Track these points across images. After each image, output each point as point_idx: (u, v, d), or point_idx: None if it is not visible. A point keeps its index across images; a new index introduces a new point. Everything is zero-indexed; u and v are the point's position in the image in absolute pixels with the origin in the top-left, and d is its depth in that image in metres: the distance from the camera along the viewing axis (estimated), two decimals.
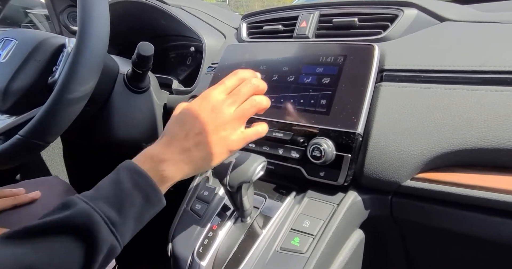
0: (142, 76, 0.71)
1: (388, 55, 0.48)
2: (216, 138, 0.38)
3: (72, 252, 0.30)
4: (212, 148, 0.38)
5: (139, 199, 0.34)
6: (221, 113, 0.38)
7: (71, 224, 0.31)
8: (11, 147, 0.47)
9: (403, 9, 0.52)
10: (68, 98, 0.46)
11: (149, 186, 0.35)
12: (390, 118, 0.44)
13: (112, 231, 0.32)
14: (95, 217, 0.31)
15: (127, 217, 0.34)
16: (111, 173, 0.36)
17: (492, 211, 0.40)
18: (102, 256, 0.32)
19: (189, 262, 0.48)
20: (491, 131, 0.39)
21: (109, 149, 0.90)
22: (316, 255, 0.42)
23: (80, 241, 0.31)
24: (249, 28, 0.69)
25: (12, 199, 0.54)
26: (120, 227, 0.33)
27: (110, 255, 0.33)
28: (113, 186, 0.34)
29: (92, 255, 0.31)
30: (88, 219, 0.31)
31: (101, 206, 0.32)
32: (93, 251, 0.31)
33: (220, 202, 0.54)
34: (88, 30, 0.46)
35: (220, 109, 0.38)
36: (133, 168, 0.36)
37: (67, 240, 0.30)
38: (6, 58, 0.59)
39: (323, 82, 0.50)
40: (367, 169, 0.45)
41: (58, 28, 0.98)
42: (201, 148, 0.37)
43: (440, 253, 0.52)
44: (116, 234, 0.33)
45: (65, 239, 0.30)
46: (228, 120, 0.38)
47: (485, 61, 0.42)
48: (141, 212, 0.35)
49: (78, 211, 0.31)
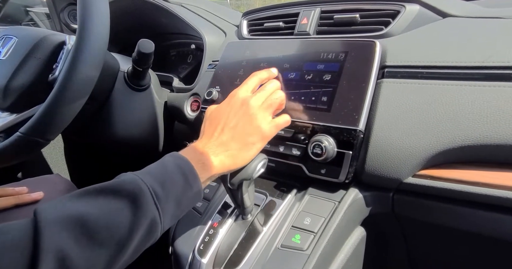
0: (143, 74, 0.71)
1: (389, 52, 0.48)
2: (250, 129, 0.41)
3: (120, 211, 0.33)
4: (247, 138, 0.41)
5: (180, 180, 0.37)
6: (250, 105, 0.42)
7: (121, 188, 0.34)
8: (12, 144, 0.47)
9: (405, 5, 0.51)
10: (68, 96, 0.46)
11: (189, 169, 0.38)
12: (391, 114, 0.44)
13: (155, 203, 0.35)
14: (142, 186, 0.35)
15: (169, 194, 0.36)
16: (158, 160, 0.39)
17: (494, 207, 0.40)
18: (145, 224, 0.34)
19: (190, 259, 0.48)
20: (494, 127, 0.38)
21: (110, 147, 0.90)
22: (317, 253, 0.42)
23: (128, 203, 0.33)
24: (249, 25, 0.69)
25: (15, 198, 0.54)
26: (162, 202, 0.35)
27: (151, 229, 0.35)
28: (159, 167, 0.38)
29: (136, 219, 0.33)
30: (136, 185, 0.34)
31: (148, 178, 0.36)
32: (138, 216, 0.33)
33: (220, 199, 0.54)
34: (88, 27, 0.45)
35: (248, 103, 0.42)
36: (176, 154, 0.40)
37: (116, 201, 0.33)
38: (6, 55, 0.59)
39: (324, 79, 0.49)
40: (368, 166, 0.45)
41: (58, 27, 0.98)
42: (237, 139, 0.41)
43: (441, 250, 0.52)
44: (159, 207, 0.35)
45: (115, 200, 0.33)
46: (257, 111, 0.42)
47: (488, 56, 0.41)
48: (181, 194, 0.37)
49: (128, 179, 0.35)
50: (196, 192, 0.38)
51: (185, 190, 0.37)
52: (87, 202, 0.33)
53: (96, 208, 0.32)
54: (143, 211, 0.34)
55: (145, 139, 0.76)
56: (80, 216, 0.31)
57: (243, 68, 0.59)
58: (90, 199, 0.33)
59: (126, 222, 0.33)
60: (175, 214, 0.38)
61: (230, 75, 0.60)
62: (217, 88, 0.61)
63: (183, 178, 0.37)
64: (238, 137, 0.41)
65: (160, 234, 0.36)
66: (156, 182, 0.36)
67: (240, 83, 0.44)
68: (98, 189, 0.34)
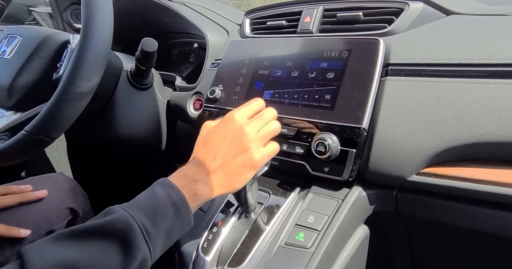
0: (146, 72, 0.71)
1: (393, 49, 0.48)
2: (242, 159, 0.40)
3: (111, 254, 0.32)
4: (237, 168, 0.40)
5: (171, 212, 0.36)
6: (245, 134, 0.40)
7: (111, 228, 0.33)
8: (17, 143, 0.47)
9: (409, 2, 0.51)
10: (72, 94, 0.46)
11: (180, 200, 0.37)
12: (395, 112, 0.44)
13: (146, 240, 0.34)
14: (133, 224, 0.33)
15: (159, 229, 0.35)
16: (148, 188, 0.38)
17: (499, 205, 0.39)
18: (136, 264, 0.33)
19: (194, 257, 0.48)
20: (498, 124, 0.38)
21: (113, 145, 0.91)
22: (320, 250, 0.42)
23: (119, 245, 0.32)
24: (252, 24, 0.69)
25: (19, 196, 0.54)
26: (153, 238, 0.34)
27: (142, 266, 0.34)
28: (149, 198, 0.37)
29: (127, 260, 0.32)
30: (127, 225, 0.33)
31: (138, 214, 0.34)
32: (129, 257, 0.32)
33: (224, 198, 0.54)
34: (92, 26, 0.46)
35: (244, 131, 0.41)
36: (167, 183, 0.38)
37: (107, 243, 0.32)
38: (11, 54, 0.59)
39: (328, 77, 0.49)
40: (372, 164, 0.45)
41: (61, 26, 0.98)
42: (229, 169, 0.40)
43: (445, 248, 0.52)
44: (149, 244, 0.34)
45: (105, 242, 0.32)
46: (252, 140, 0.40)
47: (493, 54, 0.41)
48: (172, 226, 0.36)
49: (118, 217, 0.33)
50: (186, 222, 0.38)
51: (176, 222, 0.37)
52: (76, 246, 0.31)
53: (86, 252, 0.31)
54: (134, 251, 0.33)
55: (148, 138, 0.76)
56: (70, 264, 0.30)
57: (246, 66, 0.59)
58: (79, 242, 0.32)
59: (117, 265, 0.32)
60: (165, 246, 0.37)
61: (233, 73, 0.60)
62: (220, 86, 0.61)
63: (174, 210, 0.36)
64: (230, 167, 0.40)
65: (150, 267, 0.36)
66: (147, 217, 0.35)
67: (243, 82, 0.44)
68: (87, 230, 0.32)
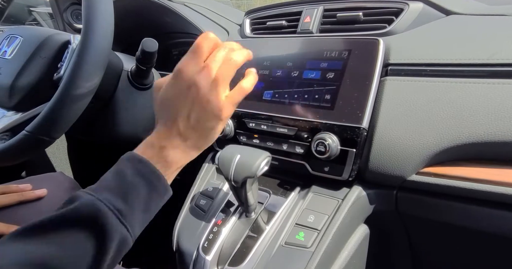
0: (146, 72, 0.71)
1: (393, 49, 0.48)
2: (205, 115, 0.36)
3: (83, 242, 0.30)
4: (204, 124, 0.37)
5: (143, 187, 0.34)
6: (198, 87, 0.35)
7: (77, 215, 0.31)
8: (18, 143, 0.47)
9: (409, 2, 0.51)
10: (73, 94, 0.46)
11: (152, 172, 0.35)
12: (395, 112, 0.44)
13: (120, 220, 0.32)
14: (101, 206, 0.31)
15: (134, 206, 0.33)
16: (113, 166, 0.36)
17: (499, 205, 0.40)
18: (114, 246, 0.32)
19: (195, 256, 0.48)
20: (498, 124, 0.38)
21: (113, 145, 0.91)
22: (321, 250, 0.42)
23: (89, 231, 0.30)
24: (252, 24, 0.69)
25: (19, 195, 0.55)
26: (128, 216, 0.33)
27: (122, 246, 0.33)
28: (116, 177, 0.34)
29: (102, 244, 0.31)
30: (93, 208, 0.31)
31: (106, 195, 0.32)
32: (104, 241, 0.31)
33: (224, 197, 0.54)
34: (93, 26, 0.46)
35: (196, 84, 0.35)
36: (134, 157, 0.35)
37: (76, 232, 0.30)
38: (12, 55, 0.59)
39: (328, 77, 0.49)
40: (372, 164, 0.45)
41: (62, 26, 0.99)
42: (194, 128, 0.37)
43: (445, 247, 0.52)
44: (125, 223, 0.32)
45: (74, 231, 0.30)
46: (208, 91, 0.36)
47: (493, 54, 0.41)
48: (148, 200, 0.34)
49: (83, 202, 0.31)
50: (163, 193, 0.36)
51: (151, 195, 0.35)
52: (45, 240, 0.29)
53: (56, 245, 0.29)
54: (109, 234, 0.31)
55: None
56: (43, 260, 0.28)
57: (246, 66, 0.59)
58: (47, 235, 0.30)
59: (94, 251, 0.30)
60: (145, 220, 0.35)
61: None
62: None
63: (146, 183, 0.34)
64: (194, 126, 0.36)
65: (133, 243, 0.34)
66: (117, 197, 0.32)
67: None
68: (52, 222, 0.30)
